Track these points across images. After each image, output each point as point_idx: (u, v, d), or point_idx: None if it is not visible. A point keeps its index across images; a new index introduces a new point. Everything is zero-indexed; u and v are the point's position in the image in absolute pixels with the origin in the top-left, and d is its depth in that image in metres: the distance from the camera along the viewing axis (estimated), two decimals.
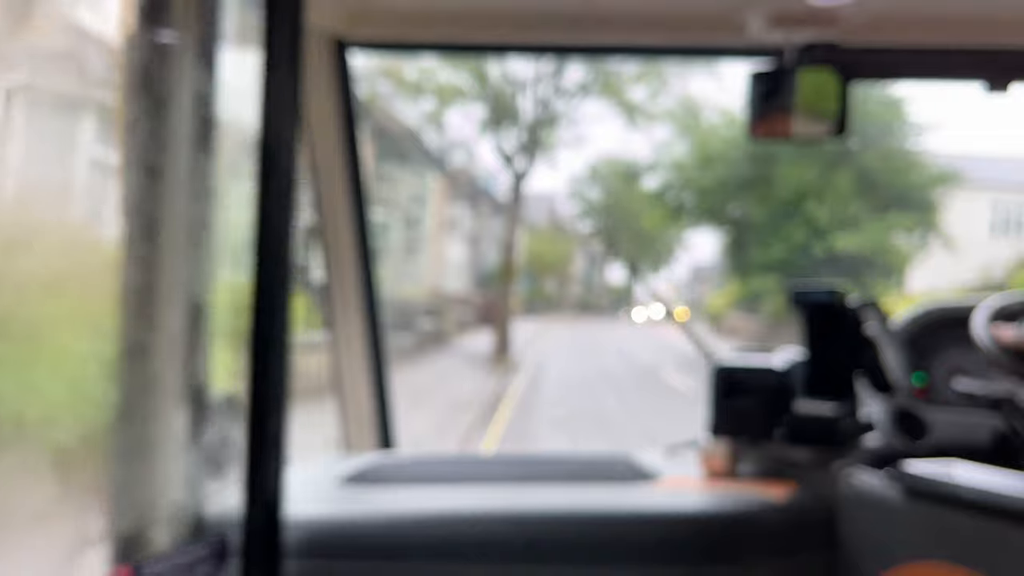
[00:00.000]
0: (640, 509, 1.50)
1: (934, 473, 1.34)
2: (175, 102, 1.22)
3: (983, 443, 1.58)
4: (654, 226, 44.36)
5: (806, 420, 1.61)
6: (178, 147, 1.24)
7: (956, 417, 1.64)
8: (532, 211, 44.72)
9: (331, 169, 2.07)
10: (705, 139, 23.28)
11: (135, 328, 1.23)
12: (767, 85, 1.73)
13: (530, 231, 43.34)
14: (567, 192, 53.64)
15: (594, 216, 52.23)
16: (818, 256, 20.43)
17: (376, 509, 1.52)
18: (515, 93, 20.31)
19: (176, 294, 1.24)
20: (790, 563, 1.49)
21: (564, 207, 51.53)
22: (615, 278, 61.64)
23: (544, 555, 1.43)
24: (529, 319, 32.57)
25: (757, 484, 1.61)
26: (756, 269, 22.56)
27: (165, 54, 1.21)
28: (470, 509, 1.49)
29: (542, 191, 55.48)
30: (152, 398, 1.23)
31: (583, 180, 51.98)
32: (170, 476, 1.23)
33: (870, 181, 21.06)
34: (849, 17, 1.73)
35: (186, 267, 1.26)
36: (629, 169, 29.13)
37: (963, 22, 1.79)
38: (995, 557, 1.23)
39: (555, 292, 47.62)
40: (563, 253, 44.40)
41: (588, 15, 1.86)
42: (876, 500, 1.43)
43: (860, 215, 20.66)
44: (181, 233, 1.25)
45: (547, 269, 40.73)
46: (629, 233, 51.62)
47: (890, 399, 1.66)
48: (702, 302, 42.76)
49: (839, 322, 1.64)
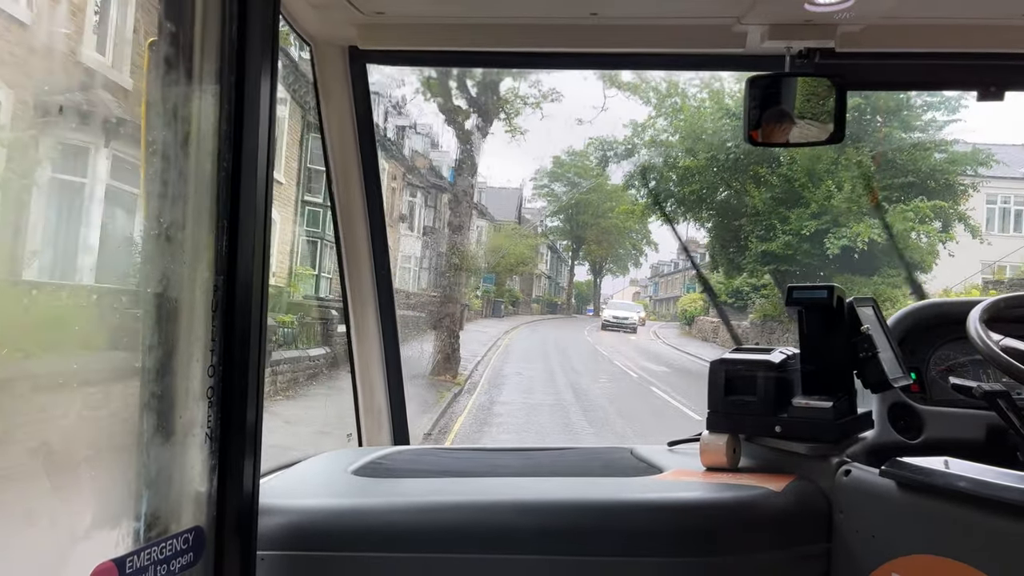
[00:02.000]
0: (643, 500, 1.52)
1: (929, 468, 1.36)
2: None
3: (978, 439, 1.65)
4: (624, 221, 42.36)
5: (804, 415, 1.60)
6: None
7: (951, 413, 1.71)
8: (498, 205, 41.81)
9: (347, 174, 2.20)
10: (693, 114, 20.01)
11: (112, 325, 1.24)
12: (765, 92, 1.84)
13: (495, 227, 40.79)
14: (533, 187, 51.49)
15: (561, 212, 49.75)
16: (830, 248, 17.07)
17: (385, 499, 1.55)
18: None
19: (150, 290, 1.21)
20: (788, 554, 1.51)
21: (532, 203, 49.37)
22: (582, 277, 59.89)
23: (547, 545, 1.45)
24: (493, 320, 30.13)
25: (756, 477, 1.62)
26: (749, 263, 19.29)
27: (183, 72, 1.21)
28: (478, 499, 1.52)
29: (508, 184, 52.16)
30: (131, 393, 1.18)
31: (549, 173, 49.25)
32: (148, 469, 1.18)
33: (888, 161, 17.90)
34: (845, 26, 1.81)
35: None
36: (603, 149, 25.41)
37: (958, 31, 1.84)
38: (989, 550, 1.26)
39: (522, 291, 45.05)
40: (530, 250, 42.03)
41: (593, 25, 1.92)
42: (872, 494, 1.44)
43: (880, 201, 17.46)
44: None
45: (513, 267, 37.88)
46: (596, 230, 49.78)
47: (886, 395, 1.71)
48: (669, 302, 40.78)
49: (836, 319, 1.64)
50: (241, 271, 1.19)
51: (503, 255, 36.03)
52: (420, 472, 1.75)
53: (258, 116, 1.20)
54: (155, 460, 1.17)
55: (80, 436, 1.15)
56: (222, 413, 1.19)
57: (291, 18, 1.94)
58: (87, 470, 1.16)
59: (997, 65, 1.86)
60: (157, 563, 1.12)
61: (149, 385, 1.17)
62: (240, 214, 1.19)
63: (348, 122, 2.14)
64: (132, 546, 1.12)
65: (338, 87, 2.09)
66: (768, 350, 1.70)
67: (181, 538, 1.17)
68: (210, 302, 1.19)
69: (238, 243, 1.19)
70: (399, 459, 1.86)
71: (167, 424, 1.18)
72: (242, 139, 1.19)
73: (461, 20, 1.94)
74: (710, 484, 1.60)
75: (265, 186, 1.22)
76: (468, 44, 2.02)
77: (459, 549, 1.44)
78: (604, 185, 46.95)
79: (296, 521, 1.45)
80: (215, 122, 1.19)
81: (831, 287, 1.63)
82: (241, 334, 1.19)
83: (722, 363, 1.70)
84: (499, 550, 1.44)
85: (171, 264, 1.19)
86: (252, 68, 1.20)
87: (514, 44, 2.02)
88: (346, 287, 2.28)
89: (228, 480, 1.20)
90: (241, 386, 1.19)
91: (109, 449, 1.19)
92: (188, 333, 1.18)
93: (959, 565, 1.28)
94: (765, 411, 1.63)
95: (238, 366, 1.19)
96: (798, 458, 1.61)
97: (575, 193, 43.85)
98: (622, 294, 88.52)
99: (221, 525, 1.19)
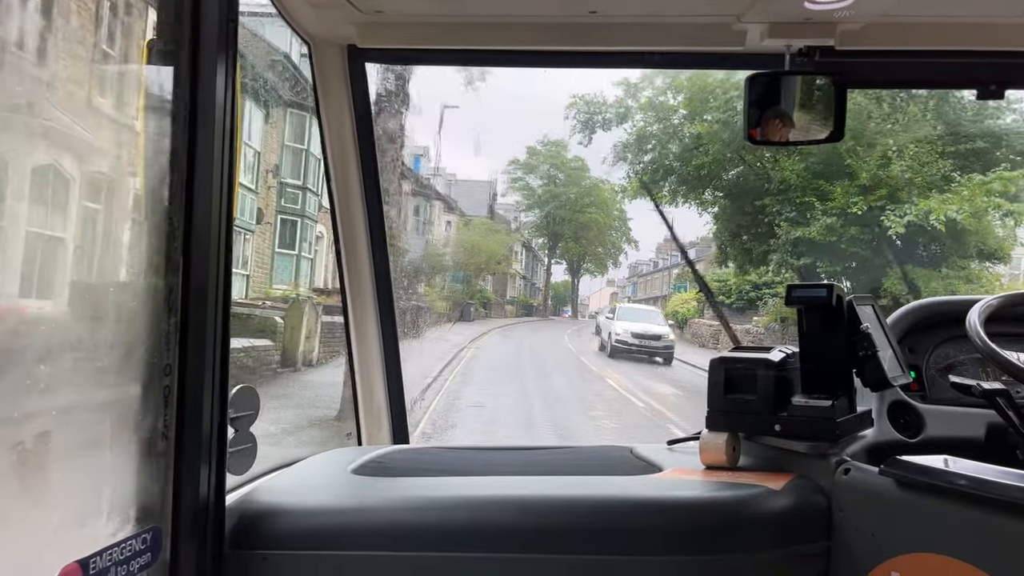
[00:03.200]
0: (642, 499, 1.52)
1: (929, 466, 1.36)
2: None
3: (977, 437, 1.66)
4: (604, 217, 38.95)
5: (804, 414, 1.60)
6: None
7: (950, 411, 1.72)
8: (468, 200, 38.86)
9: (346, 173, 2.20)
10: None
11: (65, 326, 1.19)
12: (764, 90, 1.85)
13: (465, 222, 37.66)
14: (507, 179, 47.90)
15: (536, 207, 46.57)
16: (892, 227, 12.98)
17: (383, 498, 1.54)
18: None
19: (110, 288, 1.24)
20: (787, 553, 1.50)
21: (506, 197, 46.08)
22: (559, 277, 55.94)
23: (547, 543, 1.44)
24: (461, 325, 25.78)
25: (756, 476, 1.61)
26: (777, 252, 15.30)
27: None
28: (479, 498, 1.51)
29: (479, 177, 49.19)
30: (88, 394, 1.19)
31: (524, 165, 46.00)
32: (107, 469, 1.19)
33: (950, 122, 14.03)
34: (845, 24, 1.82)
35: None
36: (588, 112, 20.88)
37: (958, 29, 1.85)
38: (989, 549, 1.26)
39: (496, 292, 41.09)
40: (503, 248, 38.74)
41: (592, 23, 1.93)
42: (872, 493, 1.44)
43: (945, 172, 13.54)
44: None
45: (485, 265, 34.63)
46: (574, 226, 46.81)
47: (885, 394, 1.72)
48: (649, 303, 35.97)
49: (835, 318, 1.64)
50: (197, 271, 1.22)
51: (473, 253, 32.51)
52: (420, 471, 1.73)
53: (214, 113, 1.22)
54: (113, 460, 1.18)
55: (40, 438, 1.09)
56: (179, 413, 1.22)
57: (289, 16, 1.94)
58: (50, 472, 1.12)
59: (997, 63, 1.90)
60: (118, 564, 1.14)
61: (105, 385, 1.17)
62: (195, 214, 1.21)
63: (347, 121, 2.15)
64: (95, 547, 1.12)
65: (337, 86, 2.11)
66: (767, 349, 1.70)
67: (140, 539, 1.19)
68: (166, 302, 1.21)
69: (192, 243, 1.21)
70: (399, 458, 1.86)
71: (124, 424, 1.19)
72: (196, 138, 1.21)
73: (460, 19, 1.96)
74: (709, 483, 1.60)
75: (224, 185, 1.24)
76: (467, 43, 2.03)
77: (459, 548, 1.43)
78: (582, 176, 44.71)
79: (296, 520, 1.44)
80: (170, 119, 1.19)
81: (831, 286, 1.63)
82: (198, 333, 1.22)
83: (722, 361, 1.70)
84: (499, 548, 1.43)
85: (125, 264, 1.22)
86: (207, 65, 1.22)
87: (513, 42, 2.02)
88: (345, 286, 2.29)
89: (184, 480, 1.22)
90: (197, 385, 1.22)
91: (68, 450, 1.14)
92: (143, 332, 1.19)
93: (959, 563, 1.28)
94: (765, 410, 1.63)
95: (195, 365, 1.22)
96: (797, 457, 1.61)
97: (552, 187, 40.97)
98: (599, 295, 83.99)
99: (177, 525, 1.22)
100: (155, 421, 1.19)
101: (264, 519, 1.40)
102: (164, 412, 1.19)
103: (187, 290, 1.20)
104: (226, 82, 1.23)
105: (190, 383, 1.20)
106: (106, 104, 1.24)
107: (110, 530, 1.15)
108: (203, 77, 1.20)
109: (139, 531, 1.18)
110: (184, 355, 1.19)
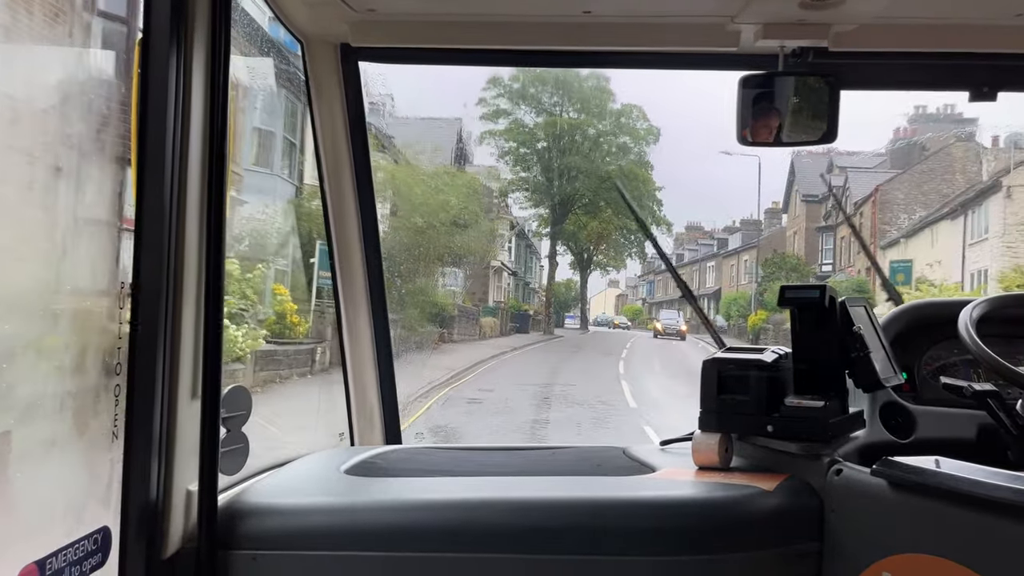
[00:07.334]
0: (635, 499, 1.53)
1: (920, 467, 1.37)
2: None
3: (968, 438, 1.70)
4: (640, 164, 23.91)
5: (796, 415, 1.61)
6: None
7: (942, 412, 1.75)
8: (426, 143, 25.18)
9: (339, 172, 2.21)
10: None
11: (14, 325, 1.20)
12: (757, 90, 1.85)
13: (421, 176, 23.07)
14: (482, 114, 31.77)
15: (531, 156, 30.53)
16: None
17: (375, 498, 1.56)
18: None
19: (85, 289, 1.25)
20: (780, 553, 1.51)
21: (483, 143, 30.08)
22: (562, 273, 42.16)
23: (540, 544, 1.45)
24: (403, 361, 13.69)
25: (748, 476, 1.63)
26: None
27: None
28: (472, 498, 1.53)
29: (441, 113, 31.95)
30: (39, 393, 1.20)
31: (507, 90, 29.90)
32: (61, 469, 1.22)
33: None
34: (839, 26, 1.84)
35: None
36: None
37: (952, 31, 1.88)
38: (980, 550, 1.27)
39: (472, 294, 27.72)
40: (475, 215, 25.31)
41: (586, 23, 1.94)
42: (864, 493, 1.45)
43: None
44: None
45: (449, 251, 23.48)
46: (592, 182, 29.33)
47: (878, 395, 1.75)
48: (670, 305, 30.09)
49: (828, 319, 1.65)
50: (147, 270, 1.22)
51: (433, 230, 20.27)
52: (413, 471, 1.75)
53: (166, 112, 1.21)
54: (64, 459, 1.19)
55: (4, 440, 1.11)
56: (128, 412, 1.21)
57: (282, 15, 1.95)
58: (5, 472, 1.13)
59: (990, 65, 1.91)
60: (71, 564, 1.14)
61: (56, 384, 1.17)
62: (144, 213, 1.21)
63: (340, 120, 2.17)
64: (50, 548, 1.12)
65: (330, 85, 2.12)
66: (760, 349, 1.72)
67: (91, 539, 1.18)
68: (117, 301, 1.21)
69: (142, 242, 1.21)
70: (392, 458, 1.87)
71: (75, 422, 1.19)
72: (147, 140, 1.20)
73: (453, 17, 1.97)
74: (702, 483, 1.61)
75: (174, 185, 1.23)
76: (461, 42, 2.05)
77: (452, 548, 1.44)
78: (606, 102, 28.96)
79: (288, 520, 1.45)
80: (121, 117, 1.19)
81: (823, 287, 1.63)
82: (148, 332, 1.22)
83: (714, 362, 1.71)
84: (492, 549, 1.44)
85: (76, 263, 1.20)
86: (157, 61, 1.20)
87: (507, 42, 2.04)
88: (338, 286, 2.29)
89: (133, 480, 1.22)
90: (147, 384, 1.22)
91: (21, 449, 1.15)
92: (94, 332, 1.19)
93: (950, 564, 1.29)
94: (757, 410, 1.64)
95: (145, 364, 1.22)
96: (790, 457, 1.62)
97: (555, 118, 25.52)
98: (602, 296, 79.57)
99: (126, 526, 1.22)
100: (108, 420, 1.19)
101: (256, 519, 1.42)
102: (115, 411, 1.20)
103: (136, 292, 1.20)
104: (215, 79, 1.24)
105: (138, 383, 1.21)
106: (57, 87, 1.22)
107: (64, 530, 1.15)
108: (193, 68, 1.21)
109: (91, 532, 1.18)
110: (134, 355, 1.20)
